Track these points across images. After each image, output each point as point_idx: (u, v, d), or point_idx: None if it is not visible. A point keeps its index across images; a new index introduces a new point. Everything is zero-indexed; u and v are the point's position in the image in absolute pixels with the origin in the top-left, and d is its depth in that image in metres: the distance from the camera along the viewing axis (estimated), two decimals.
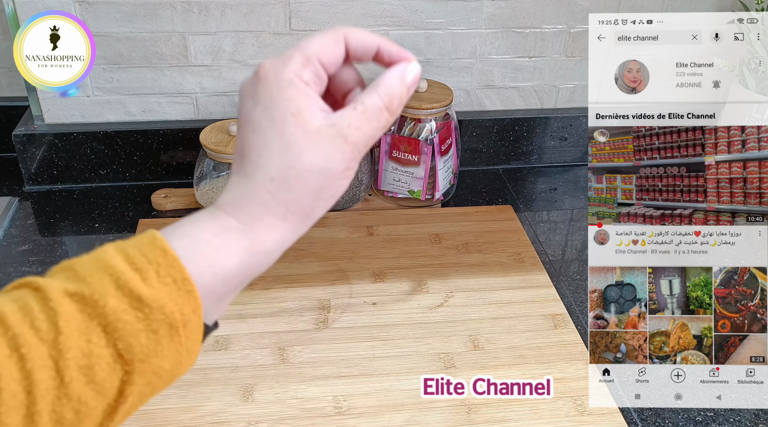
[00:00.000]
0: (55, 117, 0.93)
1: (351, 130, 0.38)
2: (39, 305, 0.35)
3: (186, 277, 0.36)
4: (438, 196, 0.93)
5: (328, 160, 0.38)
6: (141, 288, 0.35)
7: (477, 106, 1.01)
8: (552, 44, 0.97)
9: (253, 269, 0.39)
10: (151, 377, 0.36)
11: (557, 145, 1.04)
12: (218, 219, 0.38)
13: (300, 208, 0.39)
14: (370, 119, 0.39)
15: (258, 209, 0.38)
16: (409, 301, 0.76)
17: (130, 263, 0.36)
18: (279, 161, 0.38)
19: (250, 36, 0.91)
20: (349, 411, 0.63)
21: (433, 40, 0.94)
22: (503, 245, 0.86)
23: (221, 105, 0.95)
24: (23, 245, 0.84)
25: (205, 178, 0.88)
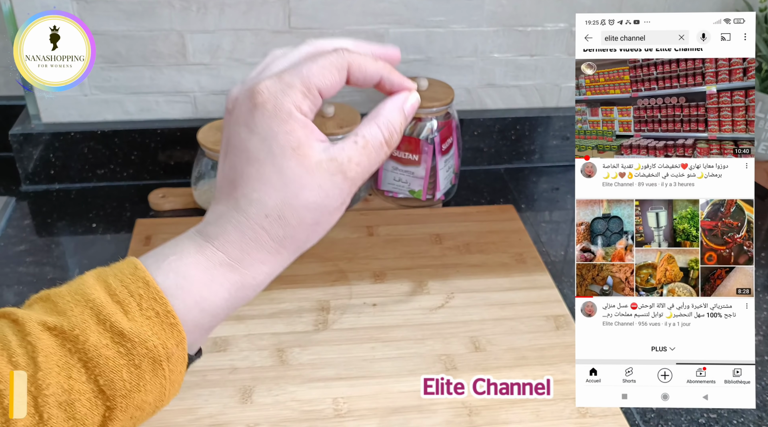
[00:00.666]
0: (52, 116, 0.92)
1: (351, 165, 0.37)
2: (17, 339, 0.34)
3: (169, 310, 0.35)
4: (439, 196, 0.92)
5: (326, 196, 0.37)
6: (123, 322, 0.34)
7: (478, 105, 1.01)
8: (554, 43, 0.97)
9: (242, 302, 0.38)
10: (134, 412, 0.35)
11: (559, 145, 1.03)
12: (205, 253, 0.37)
13: (293, 243, 0.38)
14: (370, 154, 0.38)
15: (250, 245, 0.37)
16: (410, 302, 0.76)
17: (111, 295, 0.35)
18: (276, 197, 0.36)
19: (249, 34, 0.90)
20: (348, 413, 0.62)
21: (433, 39, 0.94)
22: (505, 246, 0.85)
23: (220, 104, 0.95)
24: (20, 246, 0.83)
25: (203, 178, 0.88)
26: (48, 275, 0.78)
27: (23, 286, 0.76)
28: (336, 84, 0.38)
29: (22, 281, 0.77)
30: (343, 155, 0.37)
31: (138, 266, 0.36)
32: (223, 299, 0.37)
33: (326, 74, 0.37)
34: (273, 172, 0.36)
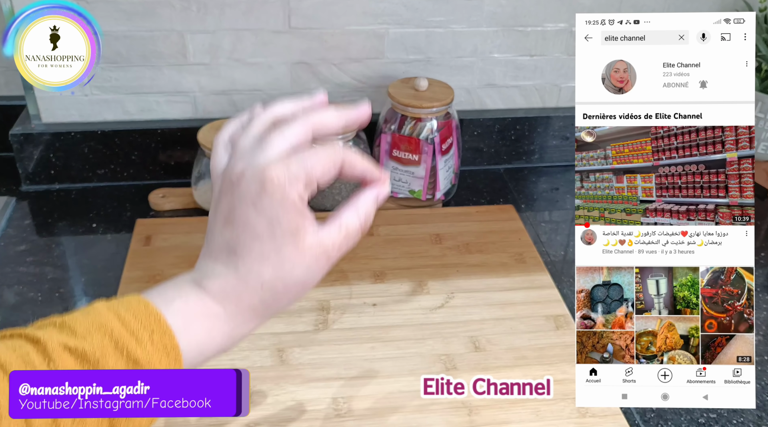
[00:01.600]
0: (53, 116, 0.92)
1: (334, 250, 0.44)
2: (40, 359, 0.37)
3: (175, 344, 0.40)
4: (439, 196, 0.92)
5: (311, 274, 0.43)
6: (138, 351, 0.39)
7: (478, 105, 1.01)
8: (553, 43, 0.97)
9: (227, 349, 0.44)
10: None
11: (559, 145, 1.03)
12: (206, 304, 0.42)
13: (276, 308, 0.44)
14: (348, 239, 0.44)
15: (244, 306, 0.43)
16: (410, 302, 0.76)
17: (125, 325, 0.39)
18: (272, 272, 0.42)
19: (249, 34, 0.90)
20: (348, 413, 0.62)
21: (433, 39, 0.94)
22: (505, 245, 0.85)
23: (220, 104, 0.95)
24: (20, 246, 0.83)
25: (204, 178, 0.88)
26: (48, 275, 0.78)
27: (23, 286, 0.76)
28: (332, 178, 0.44)
29: (22, 281, 0.77)
30: (328, 241, 0.43)
31: (149, 304, 0.41)
32: (217, 344, 0.43)
33: (325, 169, 0.43)
34: (272, 251, 0.42)
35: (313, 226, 0.43)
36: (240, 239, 0.42)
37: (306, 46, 0.92)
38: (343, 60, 0.94)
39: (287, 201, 0.41)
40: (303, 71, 0.94)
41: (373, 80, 0.96)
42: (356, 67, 0.95)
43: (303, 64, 0.93)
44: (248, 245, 0.42)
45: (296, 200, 0.42)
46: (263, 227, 0.41)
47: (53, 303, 0.74)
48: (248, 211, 0.42)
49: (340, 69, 0.94)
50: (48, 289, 0.76)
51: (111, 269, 0.79)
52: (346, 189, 0.89)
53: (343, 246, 0.44)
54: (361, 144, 0.89)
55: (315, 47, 0.92)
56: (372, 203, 0.46)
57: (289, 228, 0.42)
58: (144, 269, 0.78)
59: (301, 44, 0.92)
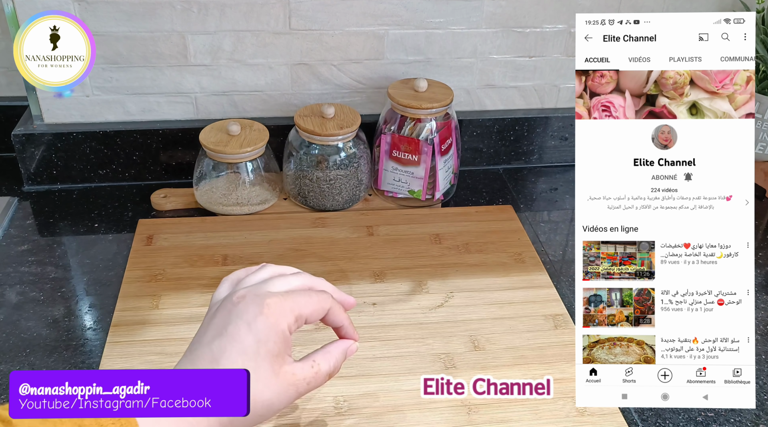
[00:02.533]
0: (55, 117, 0.93)
1: (303, 384, 0.50)
2: None
3: None
4: (438, 196, 0.93)
5: (279, 401, 0.48)
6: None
7: (477, 105, 1.01)
8: (553, 44, 0.97)
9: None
10: None
11: (558, 145, 1.03)
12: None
13: (242, 424, 0.47)
14: (317, 379, 0.51)
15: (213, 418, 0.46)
16: (409, 301, 0.76)
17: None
18: None
19: (250, 35, 0.90)
20: (348, 412, 0.63)
21: (433, 40, 0.94)
22: (504, 245, 0.85)
23: (221, 105, 0.95)
24: (22, 245, 0.83)
25: (205, 178, 0.88)
26: (50, 275, 0.79)
27: (25, 285, 0.77)
28: (318, 318, 0.53)
29: (24, 281, 0.77)
30: (301, 374, 0.50)
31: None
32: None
33: (314, 312, 0.52)
34: (251, 366, 0.47)
35: (291, 358, 0.50)
36: (226, 350, 0.47)
37: (306, 47, 0.92)
38: (343, 61, 0.94)
39: (278, 327, 0.48)
40: (303, 72, 0.94)
41: (373, 81, 0.96)
42: (356, 68, 0.95)
43: (303, 65, 0.94)
44: (233, 358, 0.47)
45: (285, 329, 0.49)
46: (250, 344, 0.47)
47: (55, 303, 0.75)
48: (241, 328, 0.48)
49: (340, 70, 0.95)
50: (50, 288, 0.76)
51: (112, 268, 0.80)
52: (347, 189, 0.89)
53: (311, 383, 0.50)
54: (361, 144, 0.90)
55: (315, 48, 0.92)
56: (342, 355, 0.54)
57: (273, 351, 0.48)
58: (145, 268, 0.79)
59: (301, 45, 0.92)
